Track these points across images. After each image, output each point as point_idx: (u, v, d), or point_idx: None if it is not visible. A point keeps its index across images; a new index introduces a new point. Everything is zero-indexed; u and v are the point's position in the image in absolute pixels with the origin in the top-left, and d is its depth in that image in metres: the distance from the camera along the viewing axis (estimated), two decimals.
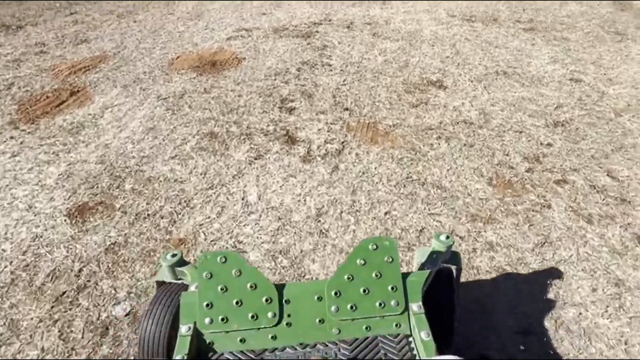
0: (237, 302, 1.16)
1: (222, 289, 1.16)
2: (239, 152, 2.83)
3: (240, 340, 1.15)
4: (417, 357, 1.12)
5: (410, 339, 1.18)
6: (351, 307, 1.18)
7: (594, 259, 2.07)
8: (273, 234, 2.21)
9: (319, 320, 1.18)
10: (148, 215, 2.33)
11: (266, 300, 1.17)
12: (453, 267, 1.41)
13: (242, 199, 2.44)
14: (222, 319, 1.15)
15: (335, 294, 1.18)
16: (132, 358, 1.64)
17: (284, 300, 1.19)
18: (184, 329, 1.14)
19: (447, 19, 5.06)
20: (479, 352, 1.67)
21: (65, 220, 2.30)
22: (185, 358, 1.07)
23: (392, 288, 1.19)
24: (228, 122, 3.14)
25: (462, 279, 1.89)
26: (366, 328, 1.18)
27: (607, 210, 2.35)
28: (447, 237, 1.38)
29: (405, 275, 1.23)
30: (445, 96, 3.48)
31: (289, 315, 1.18)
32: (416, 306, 1.20)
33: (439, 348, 1.12)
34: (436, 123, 3.13)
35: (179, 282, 1.37)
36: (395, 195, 2.46)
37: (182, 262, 1.36)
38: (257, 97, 3.48)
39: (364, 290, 1.18)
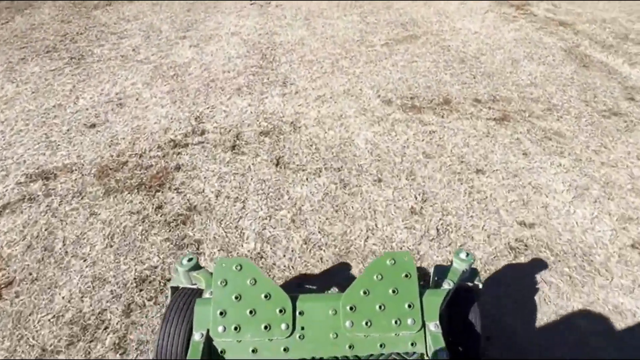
0: (250, 312, 1.05)
1: (236, 297, 1.05)
2: None
3: (252, 351, 1.05)
4: None
5: (426, 358, 1.05)
6: (366, 323, 1.05)
7: None
8: None
9: (333, 335, 1.05)
10: None
11: (280, 310, 1.05)
12: (475, 285, 1.22)
13: None
14: (235, 328, 1.04)
15: (351, 308, 1.05)
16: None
17: (298, 312, 1.06)
18: (197, 336, 1.03)
19: (383, 109, 3.13)
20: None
21: None
22: None
23: (409, 305, 1.06)
24: None
25: None
26: (380, 345, 1.04)
27: None
28: (467, 255, 1.18)
29: (422, 293, 1.08)
30: None
31: (302, 328, 1.05)
32: (433, 325, 1.05)
33: None
34: None
35: (194, 287, 1.23)
36: None
37: (197, 267, 1.22)
38: None
39: (380, 306, 1.05)
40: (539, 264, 1.85)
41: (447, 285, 1.15)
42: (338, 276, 1.80)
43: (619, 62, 3.88)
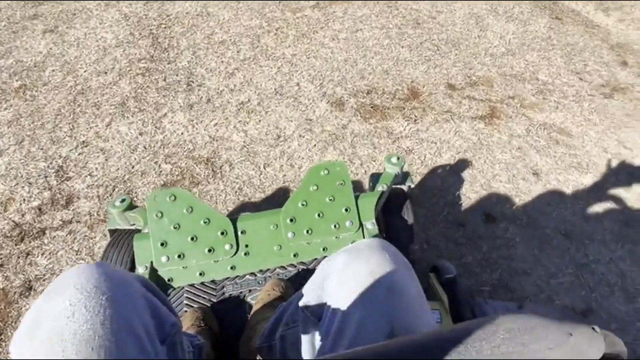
0: (192, 238, 1.03)
1: (174, 227, 1.02)
2: None
3: (200, 274, 1.05)
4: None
5: None
6: (307, 231, 1.07)
7: None
8: None
9: (277, 247, 1.08)
10: None
11: (221, 233, 1.05)
12: (406, 186, 1.27)
13: None
14: (179, 256, 1.02)
15: (291, 220, 1.07)
16: None
17: (239, 232, 1.07)
18: (140, 270, 1.02)
19: (335, 118, 2.19)
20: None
21: None
22: None
23: (346, 209, 1.09)
24: None
25: None
26: (323, 249, 1.09)
27: None
28: (398, 159, 1.22)
29: (358, 197, 1.11)
30: None
31: (246, 246, 1.07)
32: (370, 224, 1.10)
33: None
34: None
35: (132, 227, 1.20)
36: None
37: (131, 207, 1.17)
38: None
39: (319, 214, 1.07)
40: None
41: (381, 188, 1.17)
42: None
43: (590, 9, 3.20)
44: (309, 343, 0.69)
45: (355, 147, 2.01)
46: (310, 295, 0.71)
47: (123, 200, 1.17)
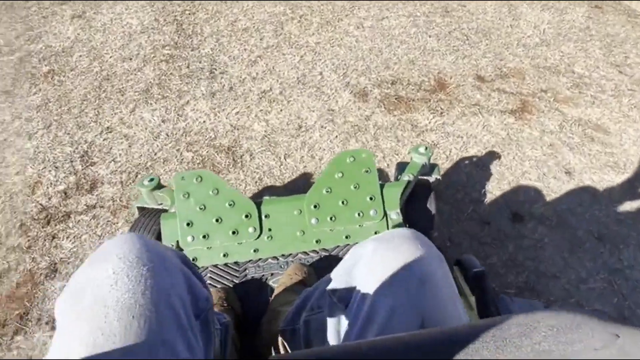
0: (217, 220, 1.05)
1: (200, 208, 1.04)
2: None
3: (224, 255, 1.08)
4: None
5: None
6: (330, 218, 1.07)
7: None
8: None
9: (300, 233, 1.09)
10: None
11: (246, 216, 1.06)
12: (433, 178, 1.24)
13: None
14: (204, 236, 1.05)
15: (315, 206, 1.08)
16: None
17: (263, 215, 1.08)
18: None
19: (358, 109, 2.16)
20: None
21: None
22: None
23: (371, 198, 1.08)
24: None
25: None
26: (346, 237, 1.09)
27: None
28: (426, 149, 1.21)
29: (383, 186, 1.10)
30: None
31: (269, 230, 1.08)
32: (394, 214, 1.10)
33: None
34: None
35: (159, 207, 1.24)
36: None
37: (160, 187, 1.21)
38: None
39: (343, 202, 1.08)
40: None
41: (407, 177, 1.16)
42: None
43: None
44: (335, 329, 0.69)
45: (378, 139, 1.98)
46: (338, 280, 0.70)
47: (151, 180, 1.21)
